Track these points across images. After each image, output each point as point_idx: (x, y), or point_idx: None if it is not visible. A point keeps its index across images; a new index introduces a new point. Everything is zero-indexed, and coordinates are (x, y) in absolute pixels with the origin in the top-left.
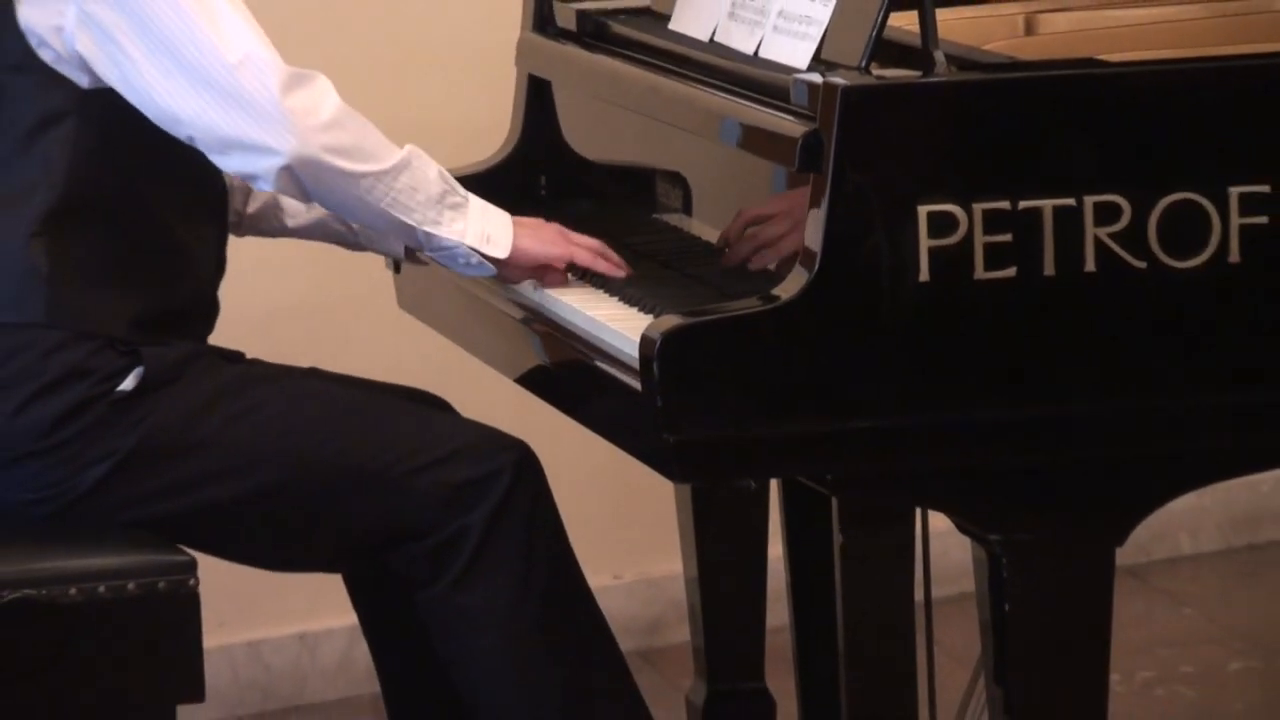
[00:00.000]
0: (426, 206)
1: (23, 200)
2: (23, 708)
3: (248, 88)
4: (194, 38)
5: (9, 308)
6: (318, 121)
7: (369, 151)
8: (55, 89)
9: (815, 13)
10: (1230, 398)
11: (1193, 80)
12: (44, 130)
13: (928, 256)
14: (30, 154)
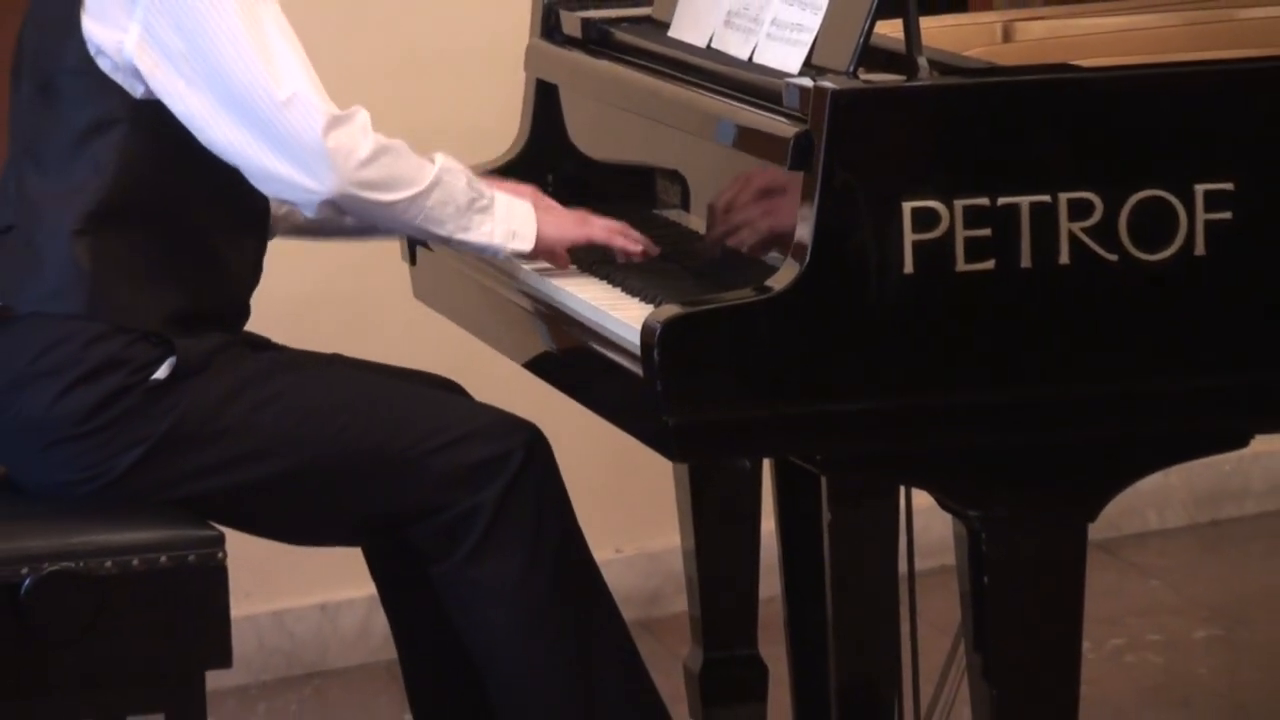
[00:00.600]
0: (456, 216)
1: (71, 198)
2: (62, 672)
3: (294, 127)
4: (248, 72)
5: (52, 299)
6: (356, 161)
7: (404, 180)
8: (109, 95)
9: (806, 21)
10: (1196, 383)
11: (1161, 84)
12: (95, 134)
13: (912, 250)
14: (81, 155)
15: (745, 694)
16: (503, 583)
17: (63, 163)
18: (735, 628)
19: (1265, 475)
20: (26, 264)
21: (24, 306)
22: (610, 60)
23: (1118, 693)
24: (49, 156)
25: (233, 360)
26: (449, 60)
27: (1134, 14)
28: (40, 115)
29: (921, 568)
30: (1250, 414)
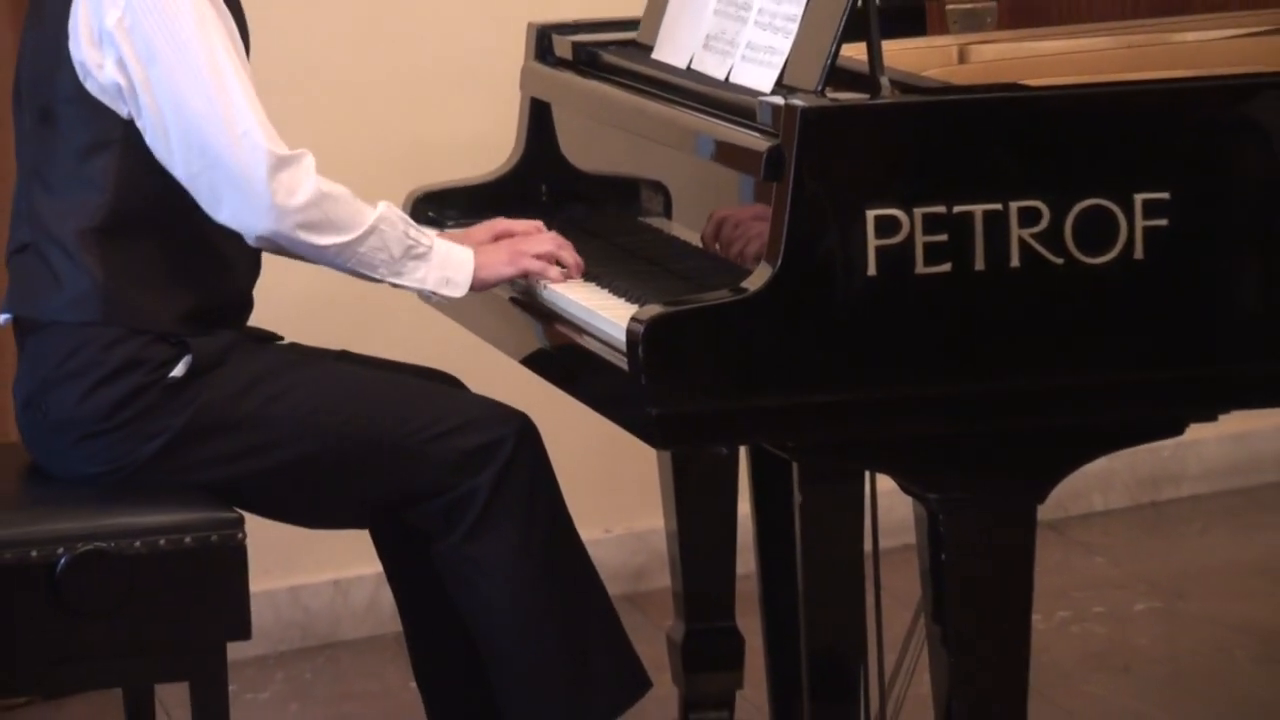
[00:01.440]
0: (390, 263)
1: (76, 215)
2: (94, 644)
3: (241, 163)
4: (203, 108)
5: (69, 309)
6: (294, 204)
7: (339, 225)
8: (101, 118)
9: (778, 44)
10: (1136, 376)
11: (1103, 102)
12: (93, 154)
13: (875, 254)
14: (81, 175)
15: (723, 663)
16: (497, 560)
17: (67, 182)
18: (714, 602)
19: (1200, 461)
20: (44, 277)
21: (46, 316)
22: (599, 80)
23: (1064, 660)
24: (54, 177)
25: (245, 356)
26: (451, 79)
27: (1078, 38)
28: (42, 140)
29: (885, 546)
30: (1185, 404)
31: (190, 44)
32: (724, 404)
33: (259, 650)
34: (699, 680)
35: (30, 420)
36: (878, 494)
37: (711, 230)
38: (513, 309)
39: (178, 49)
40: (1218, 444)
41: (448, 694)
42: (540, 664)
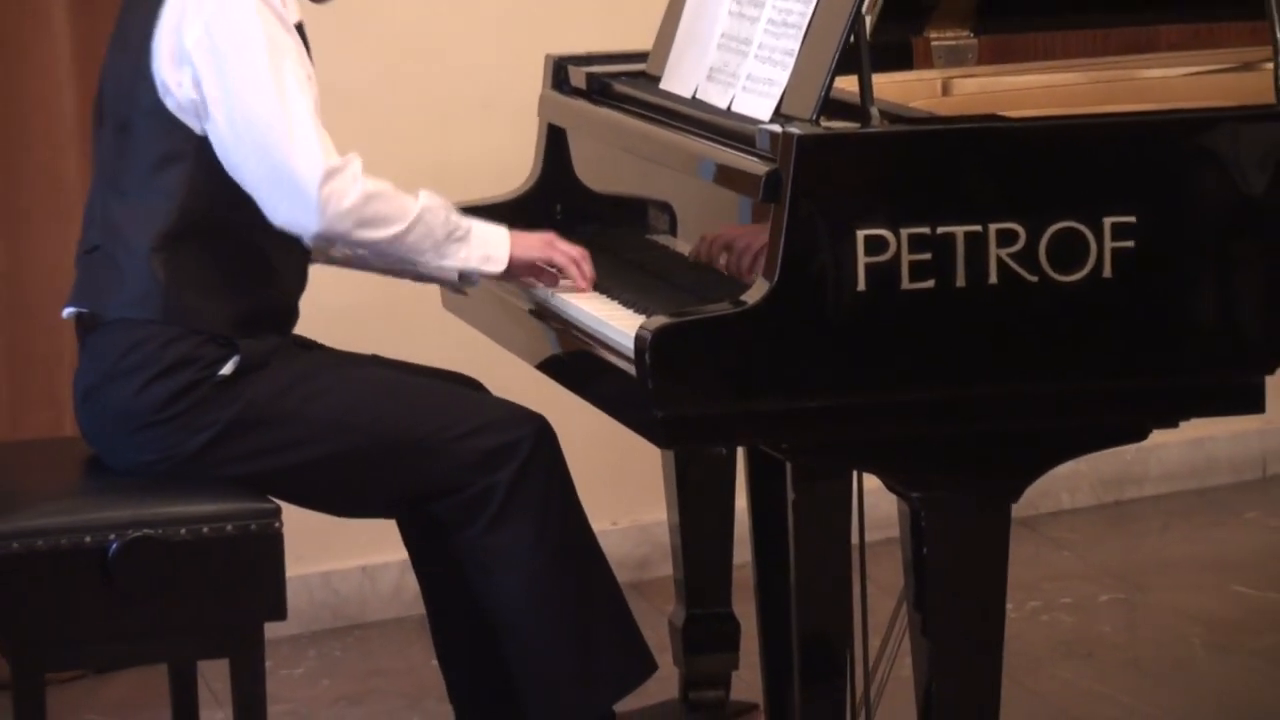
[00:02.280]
0: (435, 248)
1: (146, 222)
2: (141, 623)
3: (298, 173)
4: (267, 123)
5: (132, 306)
6: (344, 207)
7: (387, 219)
8: (176, 132)
9: (776, 76)
10: (1103, 385)
11: (1075, 132)
12: (166, 166)
13: (864, 271)
14: (154, 185)
15: (721, 645)
16: (515, 550)
17: (139, 191)
18: (712, 589)
19: (1160, 463)
20: (111, 278)
21: (110, 313)
22: (610, 108)
23: (1035, 646)
24: (128, 185)
25: (287, 359)
26: (474, 106)
27: (1052, 73)
28: (119, 151)
29: (870, 539)
30: (1148, 412)
31: (260, 61)
32: (723, 408)
33: (293, 630)
34: (698, 661)
35: (89, 411)
36: (864, 491)
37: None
38: (530, 319)
39: (249, 65)
40: (1177, 448)
41: (466, 672)
42: (552, 646)
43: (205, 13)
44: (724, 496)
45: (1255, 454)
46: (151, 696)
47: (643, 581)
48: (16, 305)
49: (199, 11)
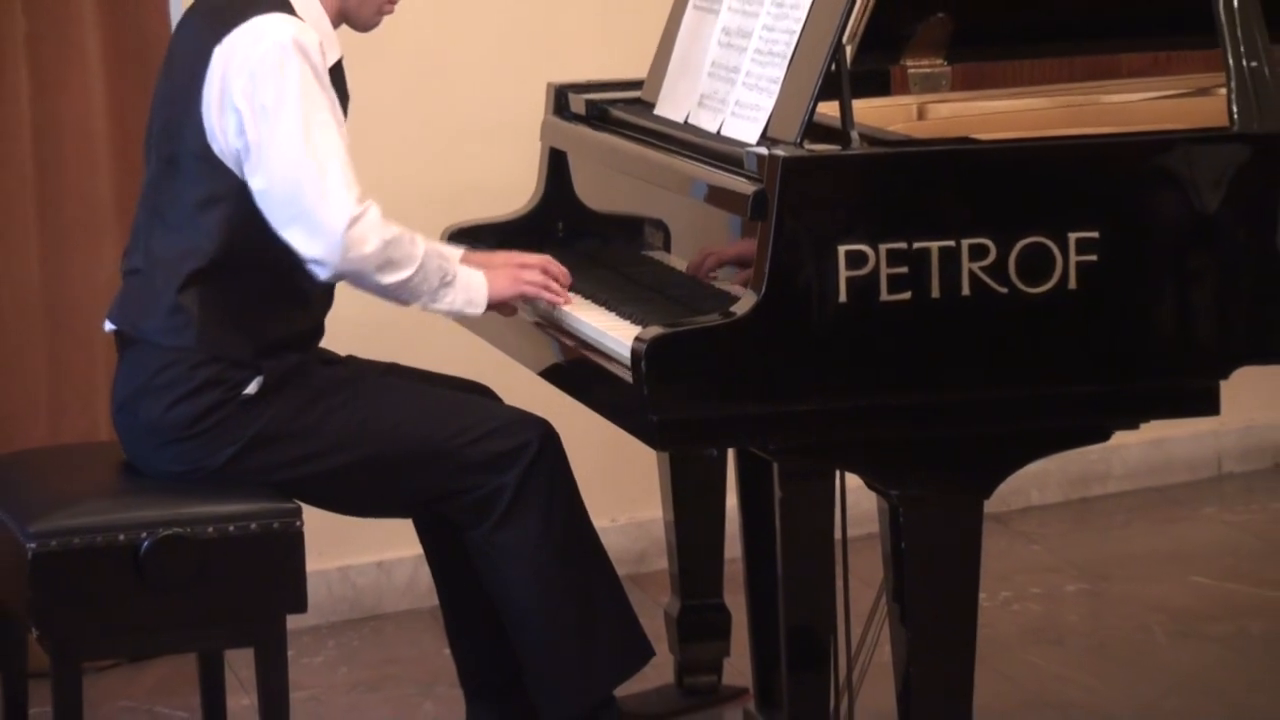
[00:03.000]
0: (431, 293)
1: (184, 258)
2: (171, 615)
3: (323, 221)
4: (299, 171)
5: (166, 333)
6: (363, 253)
7: (400, 264)
8: (219, 175)
9: (762, 103)
10: (1069, 390)
11: (1042, 153)
12: (208, 206)
13: (845, 284)
14: (195, 222)
15: (713, 634)
16: (521, 546)
17: (182, 227)
18: (705, 581)
19: (1123, 463)
20: (147, 302)
21: (144, 335)
22: (608, 132)
23: (1006, 633)
24: (172, 220)
25: (308, 376)
26: (481, 132)
27: (1020, 98)
28: (165, 184)
29: (852, 534)
30: (1110, 414)
31: (295, 115)
32: (714, 412)
33: (313, 621)
34: (692, 649)
35: (122, 421)
36: (846, 490)
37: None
38: (535, 330)
39: (286, 117)
40: (1138, 448)
41: (476, 659)
42: (557, 635)
43: (250, 64)
44: (715, 495)
45: (1211, 453)
46: (181, 684)
47: (640, 575)
48: (55, 319)
49: (245, 62)
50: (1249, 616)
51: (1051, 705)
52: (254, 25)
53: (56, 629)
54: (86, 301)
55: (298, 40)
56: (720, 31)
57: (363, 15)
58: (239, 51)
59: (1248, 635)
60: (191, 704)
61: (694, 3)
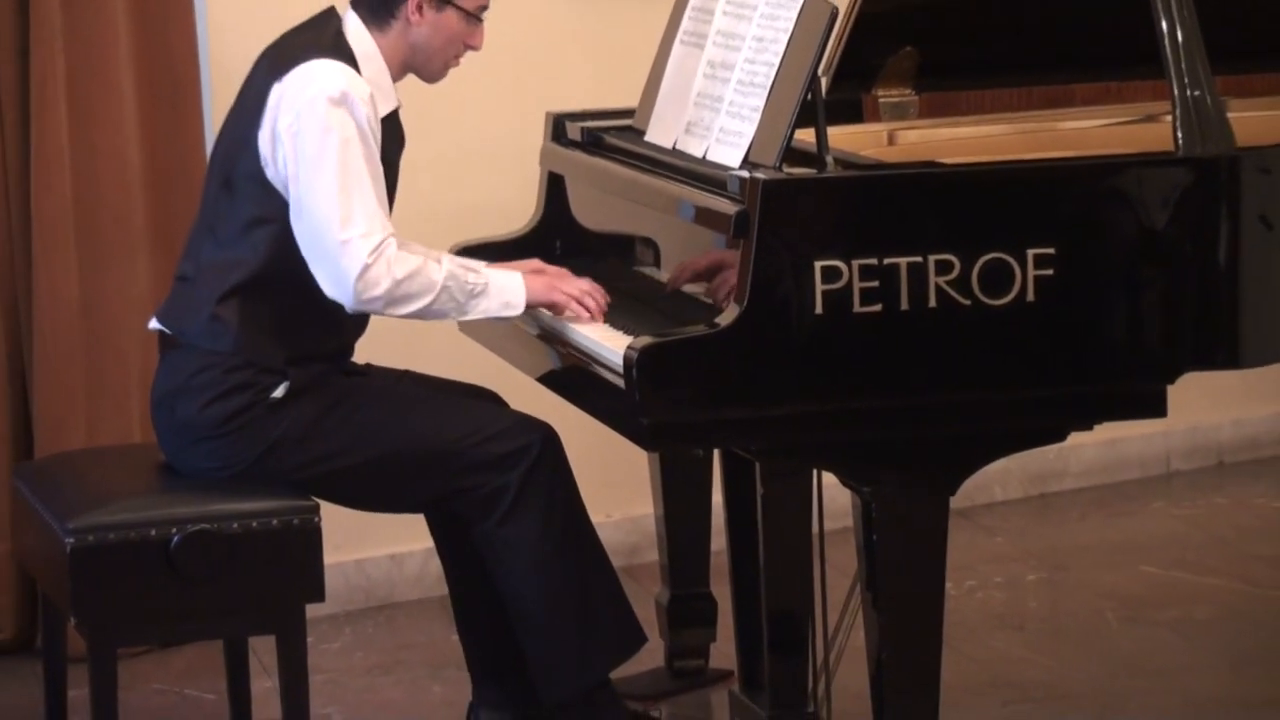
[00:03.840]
0: (459, 307)
1: (230, 270)
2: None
3: (340, 263)
4: (325, 214)
5: (205, 337)
6: (374, 294)
7: (414, 297)
8: (269, 198)
9: (744, 130)
10: (1028, 394)
11: (1002, 176)
12: (256, 226)
13: (821, 297)
14: (244, 240)
15: (700, 621)
16: (524, 540)
17: (231, 243)
18: (692, 572)
19: (1079, 461)
20: (192, 308)
21: (186, 338)
22: (602, 157)
23: (971, 619)
24: (222, 236)
25: (329, 383)
26: (485, 157)
27: (981, 125)
28: (221, 204)
29: (829, 528)
30: (1066, 417)
31: (330, 165)
32: (701, 415)
33: (331, 610)
34: (681, 635)
35: (159, 417)
36: (823, 487)
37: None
38: (535, 341)
39: (321, 158)
40: (1093, 448)
41: (482, 645)
42: (557, 622)
43: (298, 104)
44: (702, 492)
45: (1160, 452)
46: (209, 668)
47: (633, 566)
48: (93, 330)
49: (294, 101)
50: (1194, 603)
51: (1013, 685)
52: (309, 69)
53: (93, 617)
54: (121, 315)
55: (346, 91)
56: (705, 64)
57: (431, 69)
58: (291, 92)
59: (1193, 620)
60: (218, 687)
61: (681, 37)
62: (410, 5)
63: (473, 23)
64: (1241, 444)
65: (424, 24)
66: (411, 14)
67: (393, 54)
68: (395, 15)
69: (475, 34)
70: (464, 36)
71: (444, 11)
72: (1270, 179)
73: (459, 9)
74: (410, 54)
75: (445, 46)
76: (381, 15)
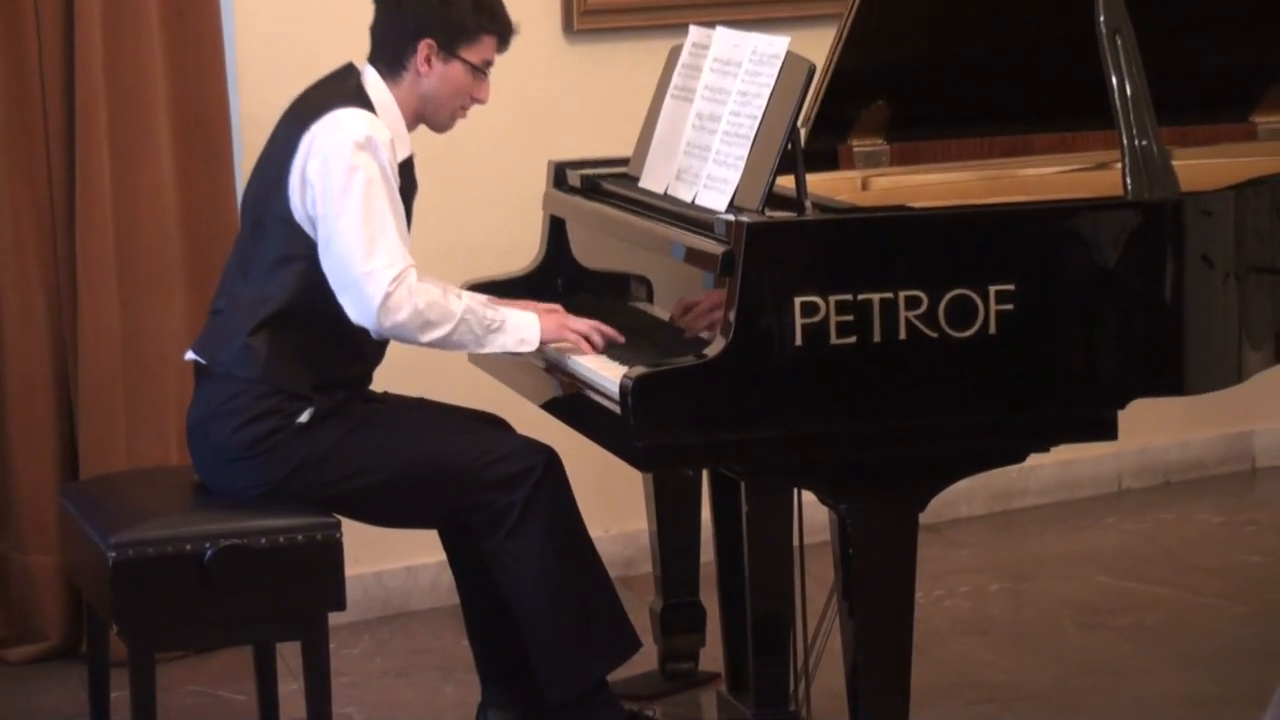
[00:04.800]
0: (477, 340)
1: (260, 305)
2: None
3: (363, 292)
4: (349, 248)
5: (237, 366)
6: (397, 320)
7: (434, 325)
8: (297, 238)
9: (729, 177)
10: (990, 419)
11: (967, 218)
12: (285, 264)
13: (800, 330)
14: (273, 276)
15: (690, 627)
16: (528, 554)
17: (261, 279)
18: (683, 582)
19: (1038, 480)
20: (225, 339)
21: (220, 367)
22: (599, 202)
23: (939, 626)
24: (253, 273)
25: (350, 409)
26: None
27: (948, 172)
28: (251, 243)
29: (808, 542)
30: (1025, 440)
31: (356, 195)
32: (690, 439)
33: (351, 618)
34: (673, 639)
35: (194, 441)
36: (803, 504)
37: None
38: (540, 371)
39: (347, 197)
40: (1050, 468)
41: (491, 649)
42: (559, 628)
43: (326, 148)
44: (692, 509)
45: (1112, 472)
46: (240, 671)
47: (629, 577)
48: (132, 362)
49: (323, 146)
50: (1144, 610)
51: (977, 686)
52: (336, 116)
53: (133, 625)
54: (158, 347)
55: (370, 136)
56: (694, 116)
57: (439, 119)
58: (319, 138)
59: (1143, 626)
60: (248, 688)
61: (672, 91)
62: (420, 57)
63: (478, 76)
64: (1187, 465)
65: (432, 75)
66: (421, 65)
67: (406, 104)
68: (406, 67)
69: (481, 88)
70: (470, 89)
71: (450, 63)
72: (1212, 221)
73: (465, 62)
74: (421, 104)
75: (452, 97)
76: (395, 67)
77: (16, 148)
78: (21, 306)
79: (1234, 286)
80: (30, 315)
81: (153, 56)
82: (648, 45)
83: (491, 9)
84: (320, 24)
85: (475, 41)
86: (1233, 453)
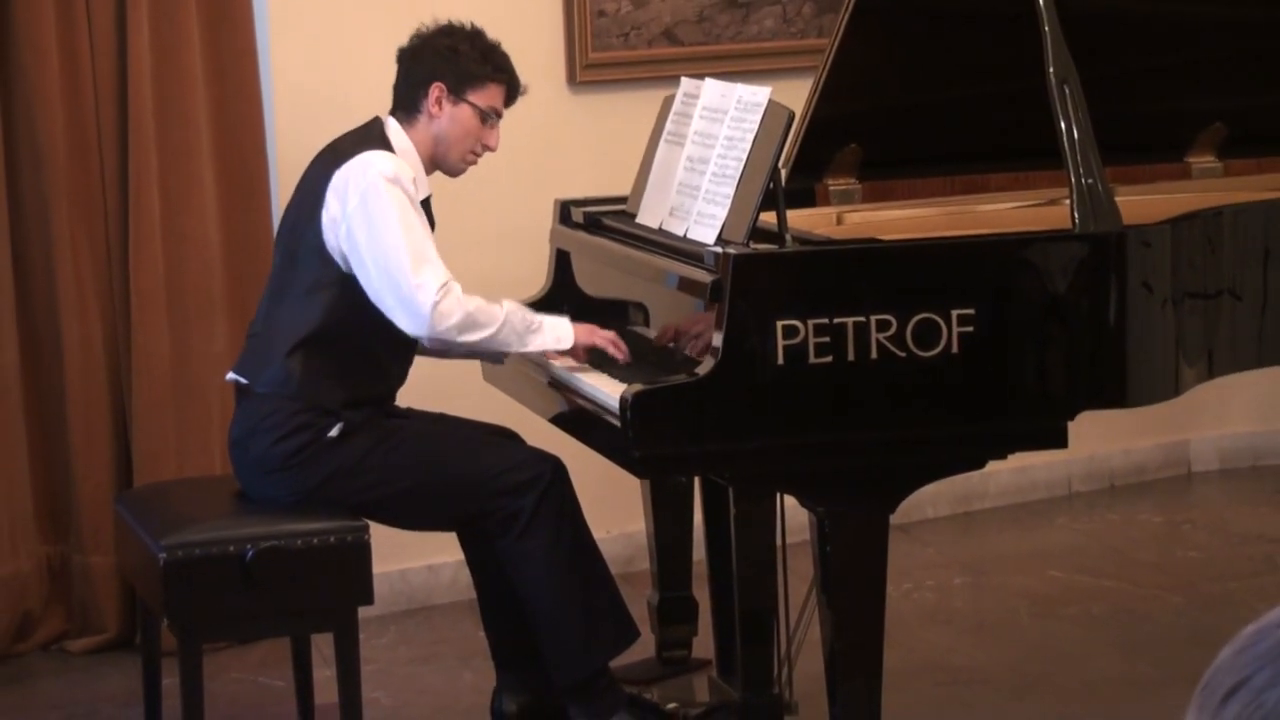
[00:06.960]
0: (519, 341)
1: (295, 329)
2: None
3: (416, 303)
4: (398, 265)
5: (273, 384)
6: (449, 324)
7: (481, 326)
8: (328, 267)
9: (717, 213)
10: (953, 430)
11: (931, 250)
12: (316, 291)
13: (782, 350)
14: (306, 302)
15: (684, 618)
16: (537, 553)
17: (294, 306)
18: (677, 577)
19: (996, 484)
20: (262, 361)
21: (258, 387)
22: (601, 236)
23: (907, 617)
24: (287, 300)
25: (376, 424)
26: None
27: (914, 208)
28: (287, 272)
29: (790, 541)
30: (985, 448)
31: (393, 223)
32: (683, 449)
33: (379, 611)
34: (668, 629)
35: (236, 455)
36: (785, 507)
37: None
38: (547, 388)
39: (388, 225)
40: (1007, 473)
41: (504, 639)
42: (566, 620)
43: (361, 185)
44: (685, 511)
45: (1063, 477)
46: (279, 659)
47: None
48: (180, 383)
49: (358, 183)
50: (1092, 601)
51: (942, 670)
52: (364, 158)
53: (182, 619)
54: (204, 369)
55: (396, 173)
56: (685, 159)
57: (450, 161)
58: (354, 176)
59: (1091, 615)
60: (286, 675)
61: (665, 136)
62: (431, 99)
63: (487, 122)
64: (1130, 470)
65: (443, 116)
66: (432, 107)
67: (421, 146)
68: (420, 110)
69: (490, 135)
70: (479, 134)
71: (460, 105)
72: (1151, 251)
73: (472, 105)
74: (434, 145)
75: (462, 139)
76: (411, 111)
77: (76, 191)
78: (81, 335)
79: (1171, 310)
80: (89, 342)
81: (198, 110)
82: (643, 95)
83: (498, 61)
84: (348, 81)
85: (482, 87)
86: (1171, 459)
